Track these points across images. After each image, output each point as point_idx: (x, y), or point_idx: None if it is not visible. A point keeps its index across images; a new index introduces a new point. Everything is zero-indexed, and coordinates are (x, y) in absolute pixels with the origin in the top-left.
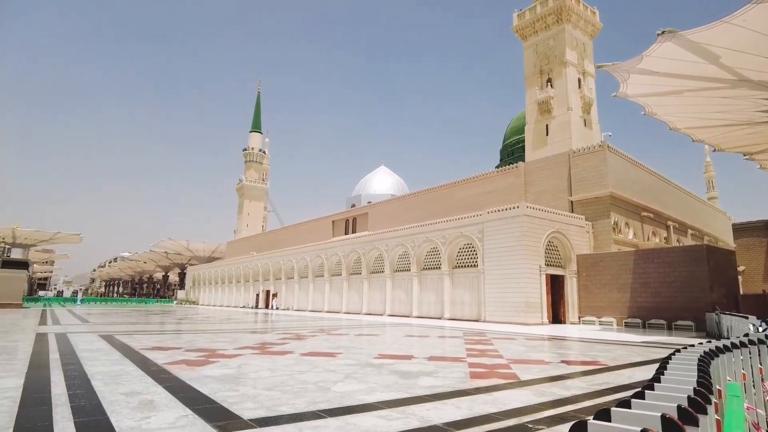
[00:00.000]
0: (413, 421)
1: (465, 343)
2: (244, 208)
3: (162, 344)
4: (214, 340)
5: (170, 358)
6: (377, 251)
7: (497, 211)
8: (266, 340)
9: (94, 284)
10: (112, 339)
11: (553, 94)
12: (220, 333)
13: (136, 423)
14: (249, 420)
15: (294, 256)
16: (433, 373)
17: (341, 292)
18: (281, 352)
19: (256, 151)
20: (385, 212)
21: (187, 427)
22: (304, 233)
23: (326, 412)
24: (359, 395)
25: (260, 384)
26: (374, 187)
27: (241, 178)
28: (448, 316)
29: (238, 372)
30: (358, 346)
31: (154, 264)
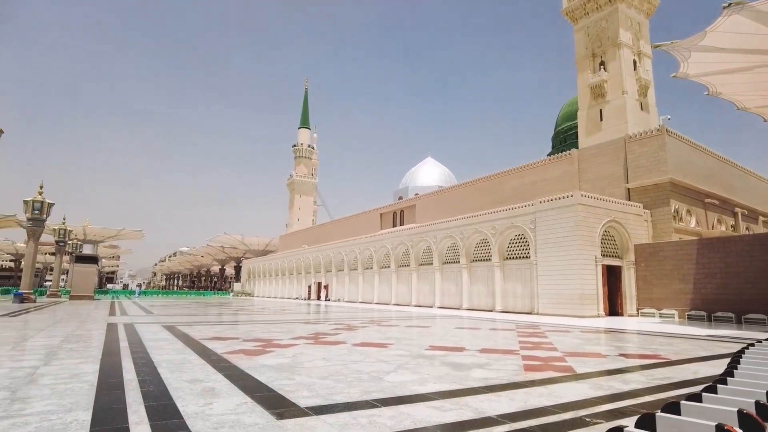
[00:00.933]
0: (467, 412)
1: (518, 336)
2: (294, 203)
3: (220, 334)
4: (269, 330)
5: (229, 347)
6: (425, 243)
7: (550, 200)
8: (319, 331)
9: (155, 278)
10: (174, 329)
11: (606, 78)
12: (275, 324)
13: (200, 409)
14: (305, 408)
15: (343, 248)
16: (485, 365)
17: (390, 284)
18: (334, 342)
19: (305, 147)
20: (432, 204)
21: (247, 414)
22: (353, 226)
23: (380, 401)
24: (412, 386)
25: (315, 373)
26: (421, 178)
27: (291, 174)
28: (500, 309)
29: (293, 361)
30: (409, 337)
31: (211, 258)
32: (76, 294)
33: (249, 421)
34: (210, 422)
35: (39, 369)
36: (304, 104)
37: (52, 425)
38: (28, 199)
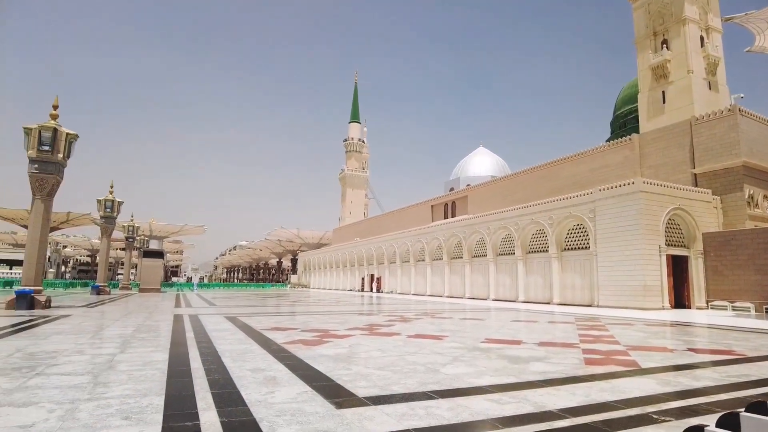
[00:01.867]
0: (526, 405)
1: (577, 329)
2: (346, 197)
3: (279, 325)
4: (326, 321)
5: (288, 337)
6: (478, 235)
7: (610, 188)
8: (374, 322)
9: (217, 271)
10: (236, 320)
11: (669, 57)
12: (330, 315)
13: (263, 397)
14: (363, 398)
15: (395, 241)
16: (544, 358)
17: (443, 276)
18: (389, 334)
19: (355, 141)
20: (485, 195)
21: (307, 402)
22: (404, 218)
23: (437, 393)
24: (468, 378)
25: (371, 364)
26: (473, 169)
27: (342, 168)
28: (557, 301)
29: (350, 352)
30: (464, 329)
31: (269, 251)
32: (144, 287)
33: (309, 409)
34: (273, 410)
35: (116, 356)
36: (354, 99)
37: (131, 408)
38: (101, 198)
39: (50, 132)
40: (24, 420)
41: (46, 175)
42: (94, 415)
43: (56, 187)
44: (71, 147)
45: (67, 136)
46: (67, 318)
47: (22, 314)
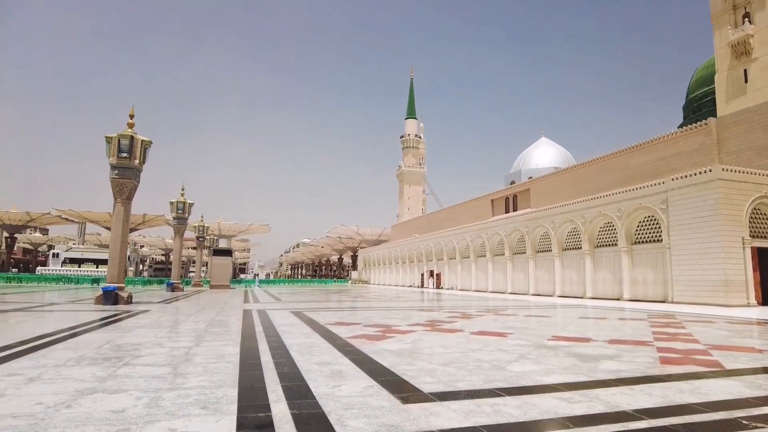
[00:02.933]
0: (598, 405)
1: (650, 326)
2: (404, 193)
3: (343, 320)
4: (387, 317)
5: (352, 332)
6: (542, 229)
7: (684, 176)
8: (435, 318)
9: (281, 267)
10: (301, 315)
11: (752, 32)
12: (392, 310)
13: (330, 390)
14: (429, 393)
15: (454, 236)
16: (615, 356)
17: (505, 272)
18: (451, 330)
19: (412, 137)
20: (548, 187)
21: (373, 397)
22: (463, 213)
23: (503, 390)
24: (536, 376)
25: (435, 360)
26: (535, 161)
27: (399, 165)
28: (628, 297)
29: (413, 347)
30: (529, 326)
31: (330, 248)
32: (215, 283)
33: (376, 403)
34: (340, 403)
35: (192, 349)
36: (410, 94)
37: (208, 398)
38: (173, 200)
39: (128, 140)
40: (116, 405)
41: (125, 179)
42: (175, 404)
43: (134, 191)
44: (146, 153)
45: (142, 143)
46: (147, 313)
47: (108, 309)
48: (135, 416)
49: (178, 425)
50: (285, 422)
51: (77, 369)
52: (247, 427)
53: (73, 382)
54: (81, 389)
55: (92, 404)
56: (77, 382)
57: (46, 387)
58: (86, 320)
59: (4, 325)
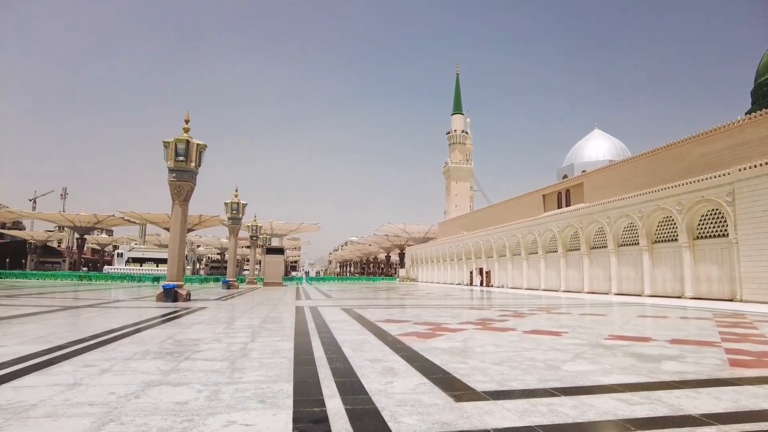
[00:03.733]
0: (660, 408)
1: (716, 326)
2: (451, 190)
3: (392, 317)
4: (437, 314)
5: (401, 330)
6: (597, 224)
7: (753, 166)
8: (486, 317)
9: (331, 265)
10: (351, 312)
11: None
12: (441, 308)
13: (383, 386)
14: (482, 392)
15: (504, 233)
16: (678, 357)
17: (558, 269)
18: (503, 329)
19: (458, 133)
20: (602, 181)
21: (426, 394)
22: (513, 209)
23: (559, 390)
24: (593, 376)
25: (487, 358)
26: (588, 154)
27: (446, 161)
28: (690, 295)
29: (464, 345)
30: (584, 325)
31: (377, 246)
32: (268, 281)
33: (428, 401)
34: (393, 400)
35: (248, 345)
36: (456, 89)
37: (264, 393)
38: (228, 201)
39: (184, 144)
40: (179, 398)
41: (182, 182)
42: (234, 397)
43: (191, 193)
44: (201, 156)
45: (198, 146)
46: (204, 310)
47: (168, 306)
48: (197, 408)
49: (237, 418)
50: (339, 417)
51: (143, 362)
52: (303, 421)
53: (140, 375)
54: (147, 381)
55: (158, 396)
56: (144, 375)
57: (116, 378)
58: (149, 316)
59: (77, 320)
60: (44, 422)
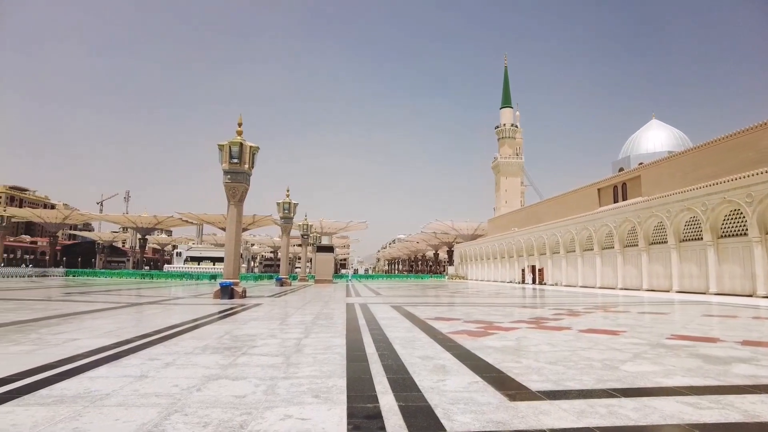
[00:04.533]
0: (732, 413)
1: None
2: (501, 185)
3: (442, 315)
4: (488, 313)
5: (452, 328)
6: (656, 219)
7: None
8: (539, 315)
9: (379, 263)
10: (401, 309)
11: None
12: (492, 306)
13: (435, 384)
14: (536, 391)
15: (557, 229)
16: (750, 359)
17: (615, 266)
18: (557, 328)
19: (508, 127)
20: (662, 173)
21: (479, 393)
22: (566, 205)
23: (618, 391)
24: (654, 377)
25: (542, 358)
26: (645, 145)
27: (495, 156)
28: (763, 294)
29: (517, 344)
30: (644, 324)
31: (425, 243)
32: (319, 278)
33: (482, 399)
34: (446, 398)
35: (302, 341)
36: (505, 82)
37: (319, 388)
38: (279, 201)
39: (237, 146)
40: (238, 391)
41: (237, 183)
42: (290, 392)
43: (245, 194)
44: (254, 158)
45: (251, 148)
46: (259, 306)
47: (224, 303)
48: (255, 402)
49: (293, 412)
50: (392, 414)
51: (203, 356)
52: (357, 416)
53: (201, 368)
54: (207, 375)
55: (218, 389)
56: (204, 369)
57: (179, 371)
58: (207, 313)
59: (141, 316)
60: (117, 411)
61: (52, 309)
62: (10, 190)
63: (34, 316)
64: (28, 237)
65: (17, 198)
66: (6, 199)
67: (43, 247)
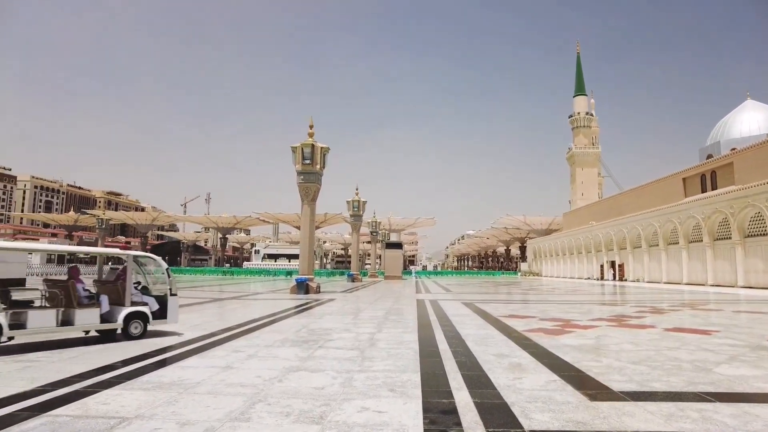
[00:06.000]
0: None
1: None
2: (576, 177)
3: (516, 313)
4: (564, 310)
5: (527, 325)
6: (753, 209)
7: None
8: (620, 313)
9: (448, 259)
10: (472, 306)
11: None
12: (568, 304)
13: (511, 382)
14: (619, 392)
15: (639, 222)
16: None
17: (704, 261)
18: (640, 326)
19: (582, 116)
20: (759, 158)
21: (557, 391)
22: (648, 196)
23: (712, 395)
24: (756, 382)
25: (624, 357)
26: (738, 128)
27: (570, 147)
28: None
29: (596, 343)
30: (740, 324)
31: (496, 239)
32: (388, 274)
33: (561, 398)
34: (522, 396)
35: (375, 335)
36: (578, 69)
37: (394, 382)
38: (349, 199)
39: (309, 148)
40: (317, 383)
41: (309, 184)
42: (366, 385)
43: (317, 193)
44: (325, 158)
45: (322, 149)
46: (333, 302)
47: (300, 298)
48: (333, 394)
49: (370, 404)
50: (468, 410)
51: (283, 349)
52: (433, 411)
53: (281, 361)
54: (287, 367)
55: (298, 381)
56: (284, 361)
57: (261, 363)
58: (284, 307)
59: (223, 311)
60: (207, 398)
61: None
62: (107, 195)
63: None
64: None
65: (113, 202)
66: (104, 204)
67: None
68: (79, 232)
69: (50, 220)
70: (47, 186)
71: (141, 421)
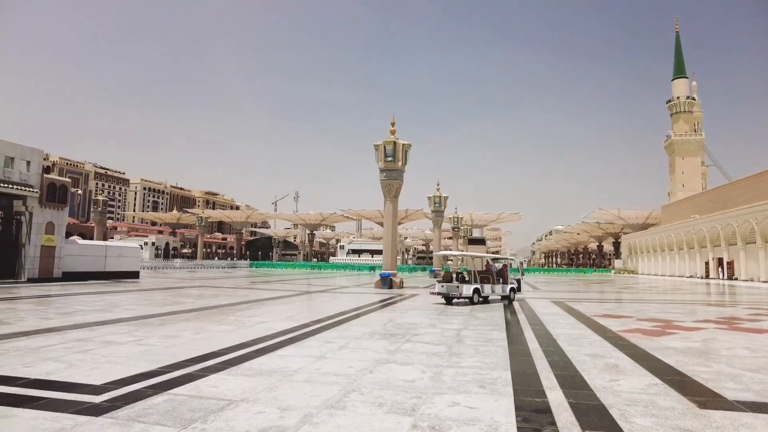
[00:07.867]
0: None
1: None
2: (676, 167)
3: (610, 312)
4: (665, 310)
5: (623, 326)
6: None
7: None
8: (731, 315)
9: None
10: (562, 305)
11: None
12: (669, 303)
13: (607, 384)
14: (734, 401)
15: (752, 215)
16: None
17: None
18: (756, 330)
19: (682, 100)
20: None
21: (660, 396)
22: (761, 186)
23: None
24: None
25: (737, 363)
26: None
27: (668, 134)
28: None
29: (704, 346)
30: None
31: (587, 234)
32: None
33: (664, 404)
34: (621, 398)
35: (461, 332)
36: (677, 50)
37: (483, 378)
38: (430, 195)
39: (391, 145)
40: (406, 376)
41: (392, 180)
42: (455, 380)
43: (399, 190)
44: (406, 155)
45: (403, 146)
46: (416, 296)
47: (384, 292)
48: (423, 387)
49: (460, 400)
50: (563, 410)
51: (371, 341)
52: (525, 409)
53: (370, 353)
54: (377, 359)
55: (388, 372)
56: (373, 353)
57: (351, 354)
58: (370, 301)
59: (313, 303)
60: (304, 386)
61: (242, 295)
62: (205, 194)
63: (230, 301)
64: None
65: (210, 201)
66: (203, 203)
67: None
68: (182, 230)
69: (157, 219)
70: (154, 187)
71: (246, 404)
